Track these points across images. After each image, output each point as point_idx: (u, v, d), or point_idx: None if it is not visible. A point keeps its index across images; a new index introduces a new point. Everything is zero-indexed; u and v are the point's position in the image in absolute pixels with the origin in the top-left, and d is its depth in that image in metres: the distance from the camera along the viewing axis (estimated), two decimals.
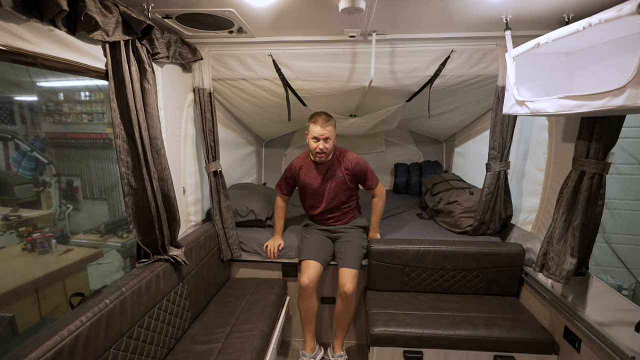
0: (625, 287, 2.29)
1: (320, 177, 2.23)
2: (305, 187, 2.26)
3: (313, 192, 2.26)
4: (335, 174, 2.21)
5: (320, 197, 2.26)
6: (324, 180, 2.22)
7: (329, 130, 2.03)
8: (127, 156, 1.50)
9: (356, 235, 2.28)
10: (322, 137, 2.03)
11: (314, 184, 2.23)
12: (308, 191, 2.27)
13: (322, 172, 2.23)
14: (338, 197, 2.26)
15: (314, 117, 2.07)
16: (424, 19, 1.72)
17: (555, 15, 1.61)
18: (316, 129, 2.02)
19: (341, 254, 2.18)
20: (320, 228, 2.34)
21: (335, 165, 2.22)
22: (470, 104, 2.60)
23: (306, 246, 2.23)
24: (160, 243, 1.65)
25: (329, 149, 2.09)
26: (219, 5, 1.55)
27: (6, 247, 2.32)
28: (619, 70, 1.27)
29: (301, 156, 2.30)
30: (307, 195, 2.30)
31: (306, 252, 2.18)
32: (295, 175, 2.28)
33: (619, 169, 2.36)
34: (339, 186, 2.23)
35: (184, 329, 1.78)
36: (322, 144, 2.05)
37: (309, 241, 2.25)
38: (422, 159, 3.85)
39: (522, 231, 2.19)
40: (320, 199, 2.27)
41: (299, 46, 2.08)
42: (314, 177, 2.23)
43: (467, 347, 1.77)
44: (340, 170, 2.22)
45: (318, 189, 2.24)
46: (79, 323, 1.13)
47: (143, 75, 1.53)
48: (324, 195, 2.25)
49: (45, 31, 1.16)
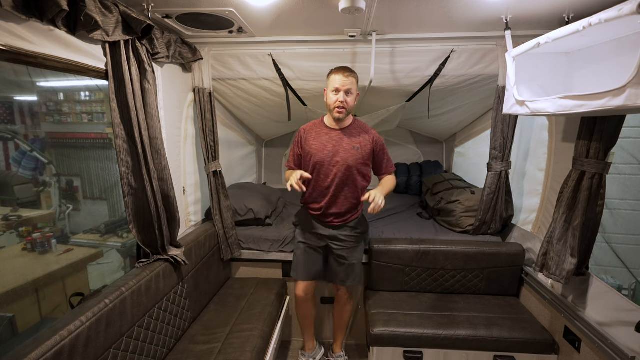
0: (626, 287, 2.29)
1: (332, 144, 1.83)
2: (312, 157, 1.85)
3: (320, 162, 1.83)
4: (353, 143, 1.84)
5: (329, 173, 1.84)
6: (336, 148, 1.83)
7: (352, 82, 1.74)
8: (127, 156, 1.50)
9: (357, 251, 1.99)
10: (343, 89, 1.73)
11: (323, 152, 1.83)
12: (314, 162, 1.84)
13: (335, 138, 1.84)
14: (351, 177, 1.85)
15: (335, 69, 1.78)
16: (424, 19, 1.72)
17: (556, 15, 1.61)
18: (337, 77, 1.73)
19: (340, 274, 1.98)
20: (315, 233, 1.97)
21: (354, 133, 1.86)
22: (470, 104, 2.60)
23: (299, 264, 2.00)
24: (160, 243, 1.65)
25: (351, 105, 1.77)
26: (219, 5, 1.55)
27: (6, 247, 2.32)
28: (619, 70, 1.27)
29: (308, 124, 1.96)
30: (313, 169, 1.86)
31: (300, 272, 2.00)
32: (302, 140, 1.91)
33: (619, 169, 2.36)
34: (353, 161, 1.82)
35: (184, 328, 1.78)
36: (343, 96, 1.73)
37: (302, 259, 2.00)
38: (422, 159, 3.85)
39: (522, 231, 2.19)
40: (328, 177, 1.85)
41: (299, 46, 2.08)
42: (325, 142, 1.84)
43: (467, 347, 1.76)
44: (361, 139, 1.85)
45: (328, 160, 1.83)
46: (79, 323, 1.13)
47: (143, 75, 1.53)
48: (334, 172, 1.83)
49: (45, 31, 1.16)
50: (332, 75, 1.77)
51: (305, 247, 1.99)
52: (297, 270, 2.01)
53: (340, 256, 1.95)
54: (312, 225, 1.98)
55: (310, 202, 1.95)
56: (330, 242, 1.96)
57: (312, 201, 1.94)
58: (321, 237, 1.97)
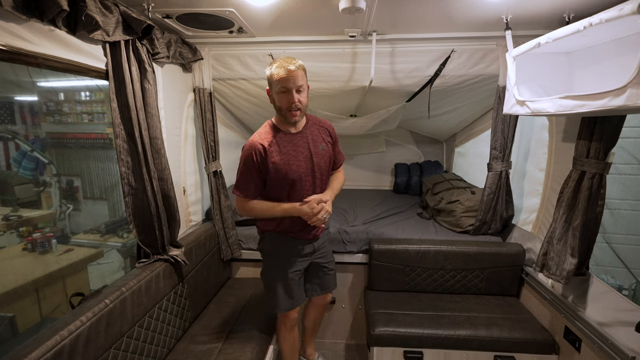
0: (626, 287, 2.29)
1: (301, 152, 1.52)
2: (285, 175, 1.49)
3: (297, 179, 1.51)
4: (319, 143, 1.57)
5: (309, 185, 1.56)
6: (306, 156, 1.53)
7: (301, 75, 1.40)
8: (127, 156, 1.50)
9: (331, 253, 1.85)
10: (294, 87, 1.39)
11: (296, 164, 1.50)
12: (291, 179, 1.50)
13: (301, 144, 1.52)
14: (327, 180, 1.63)
15: (276, 62, 1.41)
16: (424, 18, 1.72)
17: (556, 15, 1.61)
18: (282, 73, 1.37)
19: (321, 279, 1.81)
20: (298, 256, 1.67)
21: (315, 132, 1.58)
22: (470, 104, 2.60)
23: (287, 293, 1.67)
24: (160, 243, 1.65)
25: (305, 105, 1.46)
26: (219, 5, 1.55)
27: (6, 247, 2.32)
28: (619, 70, 1.27)
29: (258, 134, 1.51)
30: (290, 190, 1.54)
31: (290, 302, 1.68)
32: (260, 160, 1.47)
33: (619, 169, 2.36)
34: (325, 163, 1.58)
35: (184, 328, 1.78)
36: (296, 96, 1.40)
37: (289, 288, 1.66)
38: (422, 159, 3.85)
39: (522, 231, 2.19)
40: (307, 190, 1.55)
41: (299, 46, 2.07)
42: (292, 152, 1.50)
43: (467, 347, 1.76)
44: (323, 135, 1.60)
45: (304, 171, 1.52)
46: (79, 323, 1.13)
47: (143, 75, 1.53)
48: (314, 181, 1.57)
49: (45, 31, 1.16)
50: (274, 72, 1.40)
51: (289, 275, 1.66)
52: (284, 301, 1.67)
53: (325, 266, 1.79)
54: (292, 250, 1.67)
55: (288, 224, 1.61)
56: (314, 257, 1.74)
57: (290, 223, 1.60)
58: (304, 257, 1.69)
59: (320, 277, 1.81)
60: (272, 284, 1.67)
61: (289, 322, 1.77)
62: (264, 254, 1.73)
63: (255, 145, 1.48)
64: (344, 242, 2.29)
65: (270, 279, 1.68)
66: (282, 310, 1.69)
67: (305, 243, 1.68)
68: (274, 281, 1.67)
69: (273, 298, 1.68)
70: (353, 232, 2.34)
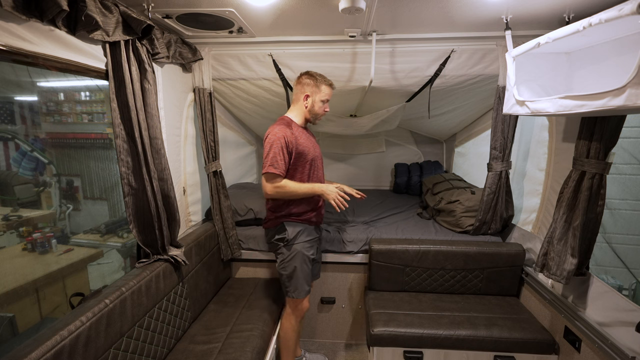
0: (626, 287, 2.29)
1: (313, 141, 1.93)
2: (308, 155, 1.81)
3: (315, 157, 1.87)
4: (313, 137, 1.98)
5: (321, 166, 1.96)
6: (314, 143, 1.94)
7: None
8: (127, 156, 1.50)
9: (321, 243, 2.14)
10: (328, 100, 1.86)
11: (313, 147, 1.88)
12: (311, 158, 1.84)
13: (310, 136, 1.94)
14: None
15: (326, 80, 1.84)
16: (424, 19, 1.72)
17: (556, 15, 1.61)
18: (329, 90, 1.84)
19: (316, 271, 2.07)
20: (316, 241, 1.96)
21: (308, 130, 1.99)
22: (470, 104, 2.60)
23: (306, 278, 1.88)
24: (160, 243, 1.65)
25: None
26: (219, 5, 1.55)
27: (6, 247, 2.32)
28: (619, 70, 1.27)
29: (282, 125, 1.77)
30: (310, 169, 1.85)
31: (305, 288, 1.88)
32: (290, 143, 1.74)
33: (619, 169, 2.36)
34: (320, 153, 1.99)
35: (184, 328, 1.78)
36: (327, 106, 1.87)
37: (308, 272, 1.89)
38: (422, 159, 3.85)
39: (522, 231, 2.19)
40: (320, 170, 1.94)
41: (299, 46, 2.08)
42: (308, 139, 1.87)
43: (467, 347, 1.76)
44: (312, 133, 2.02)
45: (318, 156, 1.92)
46: (79, 323, 1.13)
47: (143, 75, 1.53)
48: (320, 164, 1.95)
49: (45, 31, 1.16)
50: (324, 87, 1.82)
51: (309, 259, 1.89)
52: (305, 287, 1.88)
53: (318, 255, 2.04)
54: (310, 236, 1.90)
55: (307, 206, 1.86)
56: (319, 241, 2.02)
57: (310, 205, 1.87)
58: (317, 242, 1.96)
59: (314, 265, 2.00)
60: (295, 271, 1.84)
61: (303, 311, 1.93)
62: (286, 243, 1.84)
63: (285, 131, 1.75)
64: (344, 242, 2.29)
65: (294, 267, 1.84)
66: (303, 296, 1.88)
67: (317, 229, 1.96)
68: (298, 268, 1.84)
69: (296, 285, 1.86)
70: (353, 232, 2.34)
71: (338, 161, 3.83)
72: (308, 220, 1.88)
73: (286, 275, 1.86)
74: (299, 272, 1.84)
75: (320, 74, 1.84)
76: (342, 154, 3.77)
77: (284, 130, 1.73)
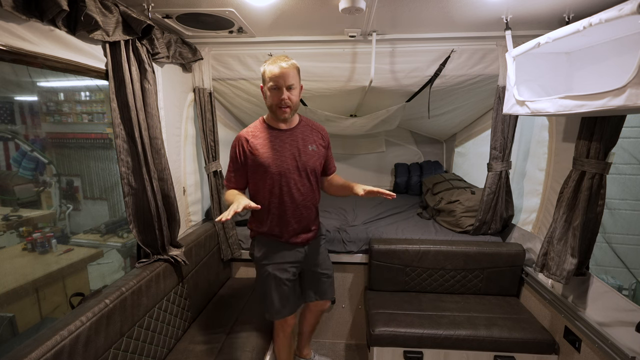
0: (626, 287, 2.29)
1: (287, 147, 1.53)
2: (267, 168, 1.50)
3: (282, 173, 1.51)
4: (308, 143, 1.57)
5: (289, 183, 1.53)
6: (292, 152, 1.53)
7: (293, 75, 1.45)
8: (127, 156, 1.50)
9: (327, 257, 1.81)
10: (285, 84, 1.43)
11: (280, 158, 1.51)
12: (272, 173, 1.51)
13: (288, 141, 1.54)
14: (314, 181, 1.61)
15: (270, 60, 1.48)
16: (424, 19, 1.72)
17: (556, 15, 1.61)
18: (275, 70, 1.42)
19: (315, 286, 1.76)
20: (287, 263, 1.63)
21: (306, 132, 1.60)
22: (470, 104, 2.60)
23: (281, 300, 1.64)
24: (160, 243, 1.65)
25: (296, 103, 1.50)
26: (219, 5, 1.55)
27: (6, 247, 2.32)
28: (619, 70, 1.27)
29: (247, 128, 1.58)
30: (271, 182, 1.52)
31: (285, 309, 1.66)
32: (244, 150, 1.53)
33: (619, 169, 2.36)
34: (313, 163, 1.58)
35: (184, 328, 1.78)
36: (286, 92, 1.44)
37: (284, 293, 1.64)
38: (422, 159, 3.85)
39: (522, 231, 2.19)
40: (290, 187, 1.54)
41: (299, 46, 2.07)
42: (277, 147, 1.52)
43: (467, 347, 1.76)
44: (314, 137, 1.61)
45: (290, 169, 1.52)
46: (79, 323, 1.13)
47: (143, 75, 1.53)
48: (301, 179, 1.55)
49: (45, 31, 1.16)
50: (267, 69, 1.46)
51: (283, 281, 1.63)
52: (279, 309, 1.65)
53: (322, 273, 1.75)
54: (281, 255, 1.63)
55: (276, 226, 1.60)
56: (307, 264, 1.71)
57: (278, 225, 1.60)
58: (294, 263, 1.66)
59: (315, 284, 1.77)
60: (265, 291, 1.65)
61: (287, 327, 1.76)
62: (255, 261, 1.68)
63: (240, 138, 1.56)
64: (344, 242, 2.29)
65: (264, 286, 1.65)
66: (278, 318, 1.69)
67: (294, 248, 1.65)
68: (267, 288, 1.64)
69: (268, 306, 1.66)
70: (353, 232, 2.34)
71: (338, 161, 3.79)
72: (275, 237, 1.62)
73: (260, 295, 1.70)
74: (271, 293, 1.63)
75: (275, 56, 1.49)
76: (342, 154, 3.77)
77: (243, 135, 1.55)
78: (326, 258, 1.82)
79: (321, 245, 1.78)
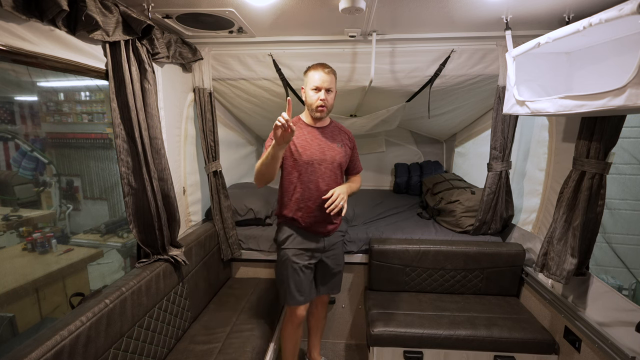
0: (626, 287, 2.29)
1: (317, 142, 1.70)
2: (299, 157, 1.67)
3: (308, 161, 1.67)
4: (336, 141, 1.75)
5: (317, 172, 1.69)
6: (322, 146, 1.70)
7: (332, 79, 1.64)
8: (127, 156, 1.50)
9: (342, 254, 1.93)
10: (323, 86, 1.61)
11: (310, 150, 1.68)
12: (303, 161, 1.67)
13: (318, 136, 1.72)
14: (340, 175, 1.77)
15: (313, 65, 1.67)
16: (424, 19, 1.72)
17: (556, 15, 1.61)
18: (316, 75, 1.61)
19: (327, 280, 1.89)
20: (308, 249, 1.76)
21: (335, 132, 1.78)
22: (470, 104, 2.60)
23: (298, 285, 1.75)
24: (160, 243, 1.65)
25: (331, 104, 1.68)
26: (219, 5, 1.55)
27: (6, 247, 2.32)
28: (619, 70, 1.27)
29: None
30: (300, 170, 1.68)
31: (302, 295, 1.76)
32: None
33: (619, 169, 2.36)
34: (339, 158, 1.73)
35: (184, 328, 1.78)
36: (324, 94, 1.62)
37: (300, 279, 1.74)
38: (422, 159, 3.85)
39: (522, 231, 2.19)
40: (318, 177, 1.69)
41: (299, 46, 2.07)
42: (309, 140, 1.69)
43: (467, 347, 1.76)
44: (341, 137, 1.79)
45: (317, 158, 1.68)
46: (79, 323, 1.13)
47: (143, 75, 1.53)
48: (323, 171, 1.70)
49: (45, 31, 1.16)
50: (310, 72, 1.65)
51: (300, 267, 1.74)
52: (295, 295, 1.75)
53: (333, 268, 1.87)
54: (304, 243, 1.76)
55: (298, 210, 1.72)
56: (325, 255, 1.82)
57: (300, 209, 1.72)
58: (315, 252, 1.78)
59: (327, 278, 1.88)
60: (284, 276, 1.76)
61: (297, 319, 1.82)
62: (278, 245, 1.81)
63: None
64: (344, 242, 2.29)
65: (283, 272, 1.77)
66: (292, 304, 1.78)
67: (318, 237, 1.78)
68: (285, 272, 1.76)
69: (285, 291, 1.78)
70: (353, 232, 2.34)
71: None
72: (297, 222, 1.74)
73: (277, 280, 1.84)
74: (288, 279, 1.74)
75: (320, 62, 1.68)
76: None
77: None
78: (341, 254, 1.93)
79: (340, 241, 1.90)
